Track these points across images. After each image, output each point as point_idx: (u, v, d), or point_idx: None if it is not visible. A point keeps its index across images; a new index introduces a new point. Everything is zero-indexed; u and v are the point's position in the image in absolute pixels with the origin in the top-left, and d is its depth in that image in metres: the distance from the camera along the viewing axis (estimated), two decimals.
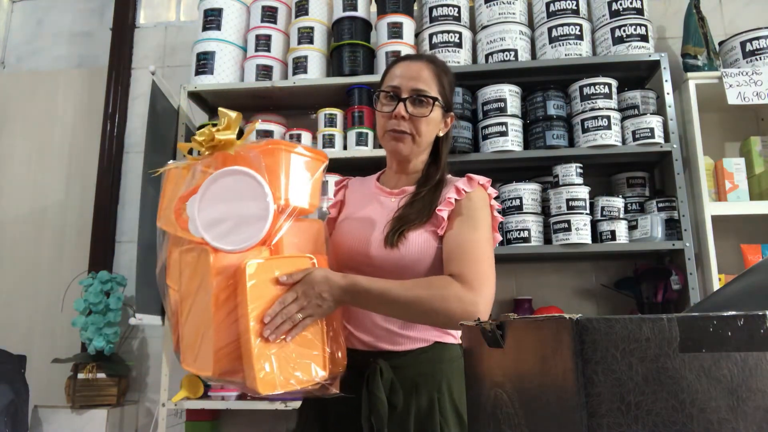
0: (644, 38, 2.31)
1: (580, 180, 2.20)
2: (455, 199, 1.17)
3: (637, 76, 2.41)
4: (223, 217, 0.97)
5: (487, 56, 2.40)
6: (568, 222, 2.14)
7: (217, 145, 1.01)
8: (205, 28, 2.55)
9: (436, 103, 1.19)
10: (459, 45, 2.40)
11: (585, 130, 2.23)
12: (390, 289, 1.03)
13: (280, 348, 0.95)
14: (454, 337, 1.18)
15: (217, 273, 0.94)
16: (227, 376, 0.96)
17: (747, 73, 2.21)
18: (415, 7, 2.57)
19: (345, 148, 2.39)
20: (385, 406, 1.07)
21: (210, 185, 0.99)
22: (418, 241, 1.13)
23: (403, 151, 1.20)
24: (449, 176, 1.27)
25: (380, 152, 1.82)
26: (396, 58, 1.29)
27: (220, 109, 1.04)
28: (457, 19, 2.43)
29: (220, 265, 0.94)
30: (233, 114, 1.01)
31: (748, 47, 2.31)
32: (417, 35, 2.51)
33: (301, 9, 2.54)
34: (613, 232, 2.16)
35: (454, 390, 1.12)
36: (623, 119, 2.26)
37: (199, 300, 0.96)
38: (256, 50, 2.52)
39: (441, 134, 1.26)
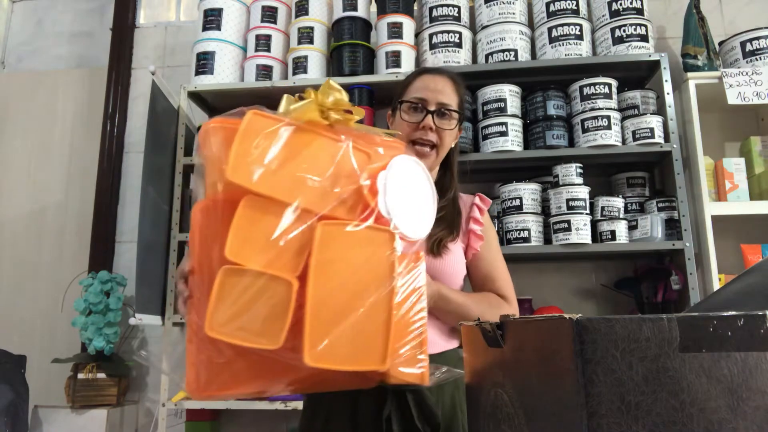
0: (644, 38, 2.31)
1: (580, 180, 2.20)
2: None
3: (637, 76, 2.41)
4: (399, 203, 0.91)
5: (487, 56, 2.40)
6: (568, 222, 2.14)
7: (342, 119, 0.93)
8: (205, 28, 2.55)
9: (458, 117, 1.25)
10: (459, 45, 2.40)
11: (585, 130, 2.23)
12: (466, 303, 1.14)
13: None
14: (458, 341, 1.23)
15: (399, 260, 0.88)
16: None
17: (747, 73, 2.21)
18: (415, 7, 2.57)
19: None
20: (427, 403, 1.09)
21: (396, 166, 0.93)
22: (458, 253, 1.23)
23: (426, 162, 1.21)
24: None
25: None
26: (417, 71, 1.31)
27: (330, 81, 0.94)
28: (457, 19, 2.43)
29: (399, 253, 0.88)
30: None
31: (748, 47, 2.31)
32: (417, 35, 2.51)
33: (301, 9, 2.54)
34: (613, 232, 2.16)
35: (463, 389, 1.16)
36: (623, 119, 2.26)
37: (359, 285, 0.86)
38: (256, 50, 2.52)
39: (453, 145, 1.30)
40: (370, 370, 0.84)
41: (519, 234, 2.19)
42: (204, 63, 2.49)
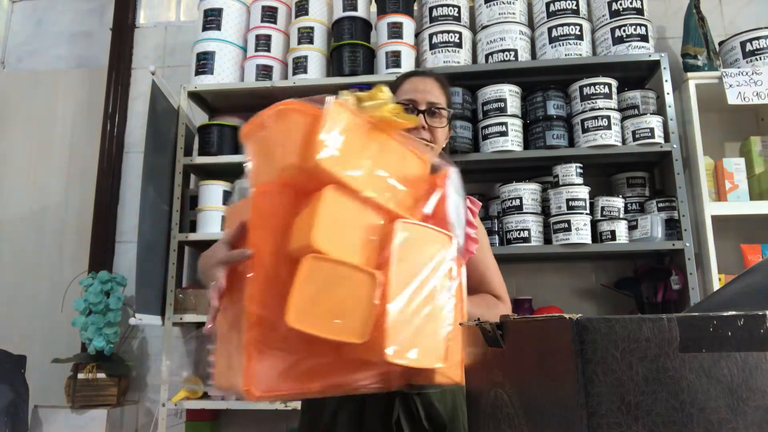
0: (644, 38, 2.31)
1: (580, 180, 2.20)
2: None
3: (637, 76, 2.41)
4: (454, 210, 0.95)
5: (487, 56, 2.40)
6: (568, 222, 2.14)
7: (404, 122, 0.94)
8: (205, 28, 2.55)
9: (448, 115, 1.28)
10: (459, 45, 2.40)
11: (585, 130, 2.23)
12: (469, 303, 1.15)
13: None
14: None
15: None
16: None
17: (747, 73, 2.21)
18: (415, 7, 2.57)
19: None
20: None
21: (453, 175, 0.97)
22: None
23: None
24: None
25: None
26: (404, 74, 1.34)
27: (381, 86, 0.96)
28: (457, 19, 2.43)
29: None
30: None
31: (748, 47, 2.31)
32: (417, 35, 2.51)
33: (301, 9, 2.54)
34: (613, 232, 2.16)
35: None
36: (623, 119, 2.26)
37: (427, 285, 0.87)
38: (256, 50, 2.52)
39: (444, 144, 1.32)
40: (431, 368, 0.86)
41: (519, 234, 2.19)
42: (204, 63, 2.49)
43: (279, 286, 0.80)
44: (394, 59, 2.39)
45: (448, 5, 2.43)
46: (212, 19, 2.55)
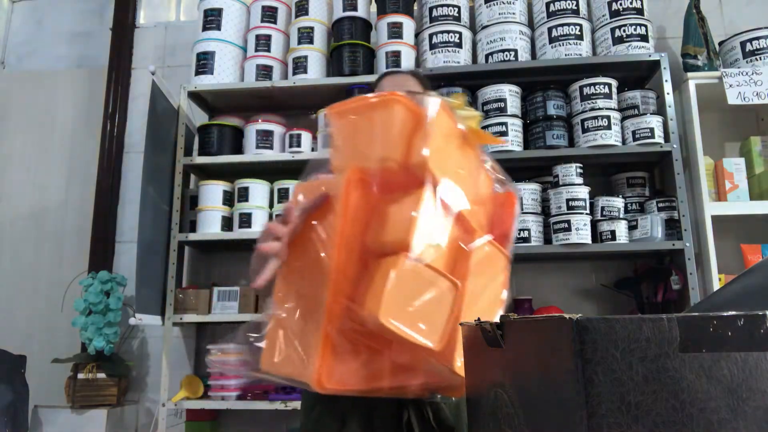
0: (644, 38, 2.31)
1: (580, 180, 2.20)
2: None
3: (637, 76, 2.41)
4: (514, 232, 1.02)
5: (487, 56, 2.40)
6: (568, 222, 2.14)
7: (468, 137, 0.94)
8: (205, 28, 2.55)
9: None
10: (459, 45, 2.40)
11: (585, 130, 2.23)
12: None
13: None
14: None
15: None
16: None
17: (747, 73, 2.21)
18: (415, 7, 2.57)
19: None
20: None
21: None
22: None
23: None
24: None
25: None
26: (379, 76, 1.35)
27: (460, 94, 0.99)
28: (457, 19, 2.43)
29: None
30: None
31: (748, 47, 2.31)
32: (417, 35, 2.51)
33: (301, 9, 2.54)
34: (613, 232, 2.16)
35: None
36: (623, 119, 2.26)
37: (488, 301, 0.91)
38: (256, 50, 2.52)
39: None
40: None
41: (519, 234, 2.19)
42: (204, 63, 2.49)
43: (366, 278, 0.80)
44: (394, 59, 2.39)
45: (448, 5, 2.43)
46: (212, 19, 2.55)
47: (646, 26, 2.32)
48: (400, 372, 0.85)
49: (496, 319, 0.86)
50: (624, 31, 2.31)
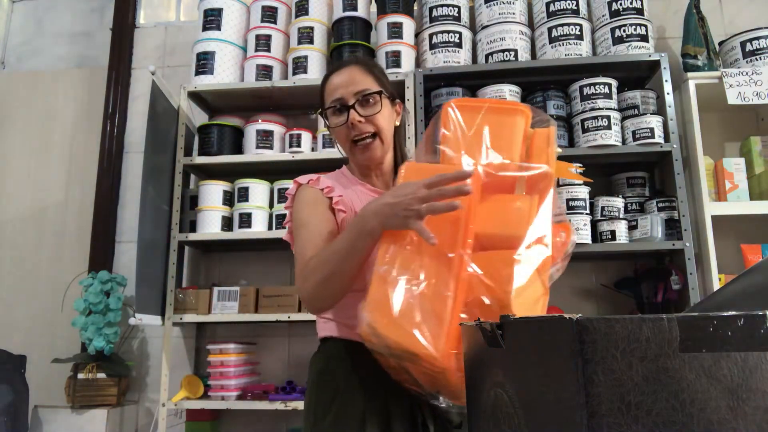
0: (644, 38, 2.31)
1: (580, 180, 2.19)
2: None
3: (637, 76, 2.41)
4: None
5: (487, 56, 2.40)
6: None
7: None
8: (205, 28, 2.55)
9: (383, 95, 1.20)
10: (459, 45, 2.40)
11: (585, 130, 2.23)
12: None
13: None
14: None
15: None
16: None
17: (747, 73, 2.21)
18: (415, 7, 2.57)
19: None
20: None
21: None
22: None
23: (376, 154, 1.20)
24: None
25: None
26: (324, 76, 1.28)
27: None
28: (457, 19, 2.43)
29: None
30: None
31: (748, 47, 2.31)
32: (417, 35, 2.51)
33: (301, 9, 2.54)
34: (613, 232, 2.16)
35: None
36: (623, 119, 2.26)
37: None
38: (256, 50, 2.52)
39: (398, 123, 1.27)
40: None
41: None
42: (204, 63, 2.49)
43: (492, 264, 0.87)
44: (394, 59, 2.39)
45: (448, 5, 2.43)
46: (212, 19, 2.55)
47: (646, 26, 2.32)
48: None
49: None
50: (624, 31, 2.31)
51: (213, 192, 2.40)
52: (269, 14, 2.57)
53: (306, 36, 2.50)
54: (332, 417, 1.09)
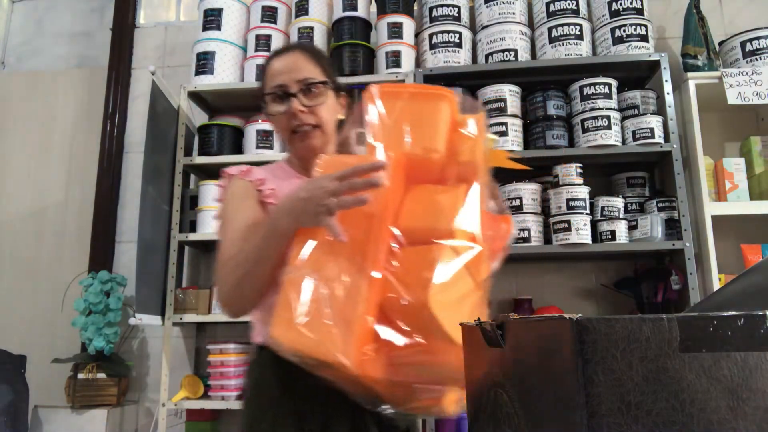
0: (644, 38, 2.31)
1: (580, 180, 2.19)
2: None
3: (637, 76, 2.41)
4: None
5: (487, 56, 2.40)
6: (568, 222, 2.14)
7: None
8: (205, 28, 2.55)
9: (327, 86, 1.15)
10: (459, 45, 2.40)
11: (585, 130, 2.23)
12: None
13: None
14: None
15: None
16: None
17: (747, 73, 2.21)
18: (415, 7, 2.57)
19: None
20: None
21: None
22: None
23: (316, 145, 1.13)
24: None
25: None
26: (267, 59, 1.19)
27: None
28: (457, 19, 2.43)
29: None
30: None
31: (748, 47, 2.31)
32: (417, 35, 2.51)
33: (301, 9, 2.54)
34: (613, 232, 2.16)
35: None
36: (623, 119, 2.26)
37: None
38: (256, 50, 2.52)
39: (342, 117, 1.19)
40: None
41: (519, 234, 2.19)
42: (204, 63, 2.49)
43: (411, 261, 0.80)
44: (394, 59, 2.39)
45: (448, 5, 2.43)
46: (212, 19, 2.55)
47: (646, 26, 2.32)
48: (408, 368, 0.83)
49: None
50: (624, 31, 2.31)
51: (213, 192, 2.40)
52: (269, 14, 2.57)
53: (306, 36, 2.50)
54: (271, 416, 1.02)
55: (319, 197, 0.85)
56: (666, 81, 2.24)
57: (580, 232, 2.13)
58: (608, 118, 2.20)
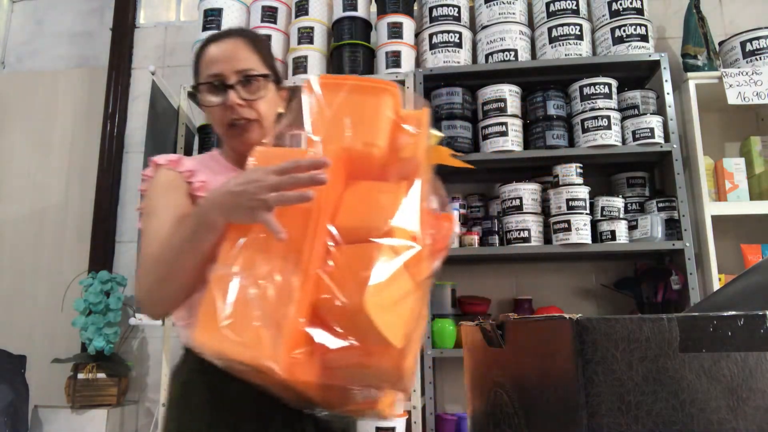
0: (644, 38, 2.31)
1: (580, 180, 2.19)
2: None
3: (637, 76, 2.40)
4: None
5: (487, 56, 2.40)
6: (568, 222, 2.14)
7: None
8: (205, 28, 2.55)
9: (269, 79, 1.09)
10: (459, 45, 2.40)
11: (585, 130, 2.23)
12: None
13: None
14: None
15: None
16: None
17: (747, 73, 2.21)
18: (415, 7, 2.57)
19: None
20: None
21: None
22: None
23: (253, 137, 1.05)
24: None
25: None
26: (201, 44, 1.09)
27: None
28: (457, 19, 2.43)
29: None
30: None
31: (748, 47, 2.31)
32: (417, 35, 2.51)
33: (301, 9, 2.54)
34: (613, 232, 2.16)
35: None
36: (623, 119, 2.26)
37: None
38: None
39: (282, 111, 1.11)
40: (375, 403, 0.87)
41: (519, 234, 2.18)
42: None
43: (347, 260, 0.76)
44: (394, 59, 2.39)
45: (448, 5, 2.43)
46: (212, 19, 2.55)
47: (646, 26, 2.32)
48: (340, 372, 0.79)
49: (419, 332, 0.83)
50: (624, 31, 2.31)
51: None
52: (269, 14, 2.57)
53: (306, 36, 2.50)
54: (208, 419, 0.97)
55: (255, 191, 0.79)
56: (666, 81, 2.24)
57: (580, 232, 2.13)
58: (608, 118, 2.20)
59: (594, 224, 2.19)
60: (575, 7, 2.37)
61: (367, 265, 0.73)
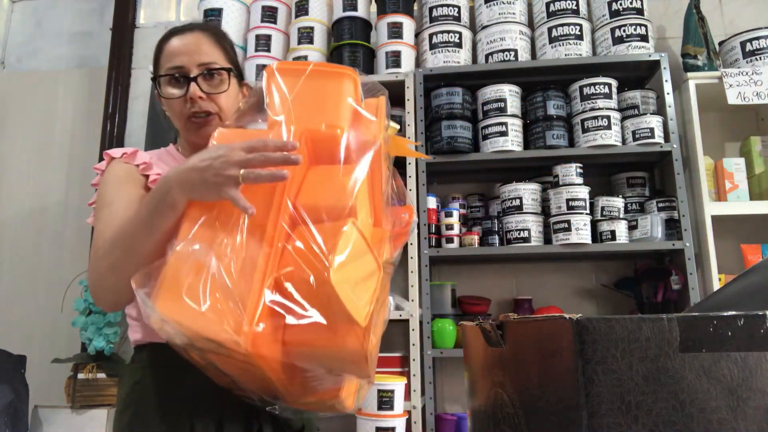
0: (644, 38, 2.31)
1: (580, 180, 2.20)
2: None
3: (637, 76, 2.41)
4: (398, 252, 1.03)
5: (487, 56, 2.40)
6: (568, 222, 2.14)
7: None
8: None
9: (231, 74, 1.09)
10: (459, 45, 2.40)
11: (585, 130, 2.23)
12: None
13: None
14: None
15: None
16: None
17: (747, 73, 2.21)
18: (415, 7, 2.57)
19: None
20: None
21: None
22: None
23: (212, 132, 1.01)
24: None
25: None
26: (164, 36, 1.09)
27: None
28: (457, 19, 2.43)
29: None
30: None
31: (748, 47, 2.31)
32: (417, 35, 2.51)
33: (301, 9, 2.54)
34: (613, 232, 2.16)
35: None
36: (623, 119, 2.26)
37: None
38: (256, 50, 2.52)
39: (242, 106, 1.09)
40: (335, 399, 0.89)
41: (519, 234, 2.19)
42: None
43: (312, 237, 0.76)
44: (394, 59, 2.39)
45: (448, 5, 2.43)
46: (212, 19, 2.55)
47: (646, 26, 2.32)
48: (302, 351, 0.79)
49: (383, 326, 0.84)
50: (624, 31, 2.31)
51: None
52: (269, 14, 2.57)
53: (306, 36, 2.50)
54: (161, 415, 0.93)
55: (221, 167, 0.77)
56: (666, 81, 2.24)
57: (580, 232, 2.13)
58: (608, 118, 2.21)
59: (594, 224, 2.19)
60: (575, 7, 2.37)
61: (333, 241, 0.74)
